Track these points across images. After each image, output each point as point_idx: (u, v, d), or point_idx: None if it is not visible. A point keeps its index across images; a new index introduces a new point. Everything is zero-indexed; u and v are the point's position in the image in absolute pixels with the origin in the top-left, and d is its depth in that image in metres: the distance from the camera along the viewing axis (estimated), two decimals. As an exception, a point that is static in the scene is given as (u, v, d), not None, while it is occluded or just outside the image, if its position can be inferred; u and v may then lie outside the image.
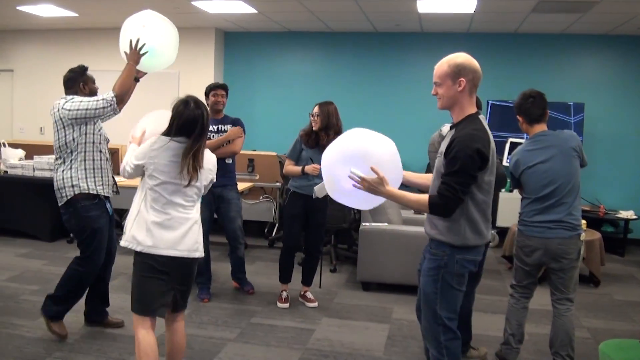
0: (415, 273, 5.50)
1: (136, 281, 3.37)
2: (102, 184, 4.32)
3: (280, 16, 8.63)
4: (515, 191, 4.62)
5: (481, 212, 2.98)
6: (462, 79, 2.96)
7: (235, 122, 5.63)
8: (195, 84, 9.71)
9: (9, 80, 11.14)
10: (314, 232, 5.40)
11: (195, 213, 3.47)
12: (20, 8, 8.80)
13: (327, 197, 4.71)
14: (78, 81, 4.52)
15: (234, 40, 10.15)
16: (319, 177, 4.72)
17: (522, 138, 7.96)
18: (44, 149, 8.27)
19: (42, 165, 7.48)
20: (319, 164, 4.53)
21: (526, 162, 3.93)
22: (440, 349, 3.08)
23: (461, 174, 2.82)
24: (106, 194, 4.36)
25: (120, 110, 4.24)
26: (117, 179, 4.52)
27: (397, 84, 9.49)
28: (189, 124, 3.34)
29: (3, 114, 11.17)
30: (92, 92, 4.56)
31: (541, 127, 3.99)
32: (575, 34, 8.87)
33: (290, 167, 5.23)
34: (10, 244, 7.49)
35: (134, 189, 3.59)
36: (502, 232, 7.78)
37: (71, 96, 4.32)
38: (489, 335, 4.79)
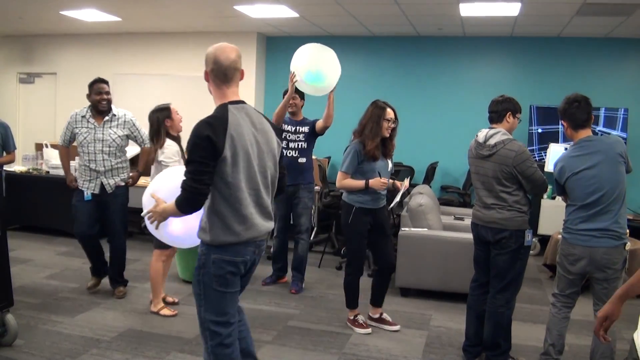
0: (454, 279, 5.51)
1: None
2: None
3: (322, 20, 8.64)
4: (558, 198, 4.55)
5: (232, 208, 2.83)
6: (205, 70, 2.94)
7: (313, 124, 5.95)
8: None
9: (52, 83, 11.41)
10: (386, 245, 4.92)
11: None
12: (64, 13, 9.00)
13: None
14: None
15: (275, 44, 10.20)
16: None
17: (559, 142, 7.84)
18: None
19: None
20: (387, 176, 4.61)
21: (572, 168, 3.85)
22: (208, 354, 2.96)
23: (190, 162, 2.74)
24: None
25: None
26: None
27: (439, 88, 9.42)
28: None
29: (46, 116, 11.44)
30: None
31: (586, 133, 3.91)
32: (620, 38, 8.66)
33: (349, 182, 4.69)
34: (51, 243, 7.66)
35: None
36: (544, 239, 7.62)
37: None
38: (529, 345, 4.71)
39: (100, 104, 5.27)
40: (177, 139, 5.08)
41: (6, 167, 6.30)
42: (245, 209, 2.85)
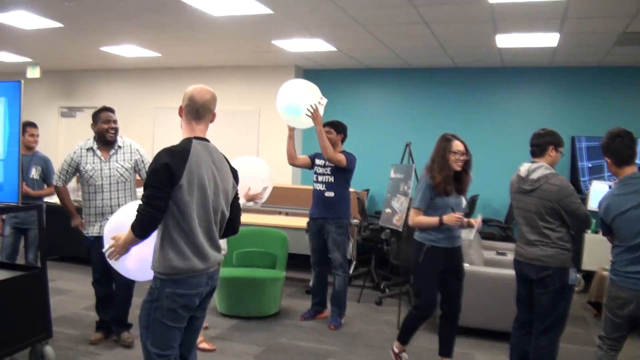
0: (496, 317, 5.36)
1: None
2: None
3: (359, 53, 8.67)
4: (601, 232, 4.41)
5: (184, 235, 2.91)
6: (180, 105, 3.14)
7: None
8: (276, 121, 9.85)
9: (95, 117, 11.62)
10: (457, 289, 4.58)
11: None
12: (105, 49, 9.22)
13: None
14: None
15: (312, 77, 10.24)
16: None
17: (604, 174, 7.68)
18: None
19: (126, 200, 7.63)
20: (461, 211, 4.41)
21: (618, 207, 3.69)
22: None
23: (147, 187, 2.86)
24: None
25: None
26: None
27: (479, 120, 9.32)
28: None
29: (90, 148, 11.59)
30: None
31: (631, 169, 3.77)
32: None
33: (422, 219, 4.42)
34: (90, 273, 7.68)
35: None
36: (588, 275, 7.36)
37: None
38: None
39: (108, 133, 4.90)
40: None
41: (47, 199, 6.40)
42: (196, 238, 2.94)
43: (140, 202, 2.87)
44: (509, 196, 4.36)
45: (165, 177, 2.83)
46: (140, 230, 2.87)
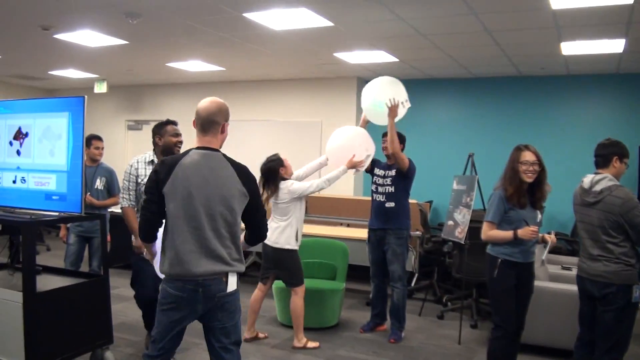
0: (560, 335, 5.16)
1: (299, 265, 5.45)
2: None
3: (421, 63, 8.60)
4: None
5: (170, 240, 3.11)
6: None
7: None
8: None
9: (160, 130, 11.93)
10: (525, 305, 4.38)
11: None
12: (170, 64, 9.45)
13: None
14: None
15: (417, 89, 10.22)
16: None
17: None
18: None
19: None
20: (535, 224, 4.21)
21: None
22: None
23: (145, 193, 3.22)
24: None
25: None
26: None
27: (543, 130, 9.07)
28: None
29: (156, 161, 11.89)
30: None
31: None
32: None
33: (496, 233, 4.21)
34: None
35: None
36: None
37: None
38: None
39: (176, 146, 4.74)
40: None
41: (111, 209, 6.59)
42: (181, 244, 3.07)
43: None
44: (573, 209, 4.23)
45: (153, 184, 3.13)
46: (140, 233, 3.25)
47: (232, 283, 3.13)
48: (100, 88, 11.33)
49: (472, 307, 6.56)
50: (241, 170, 3.18)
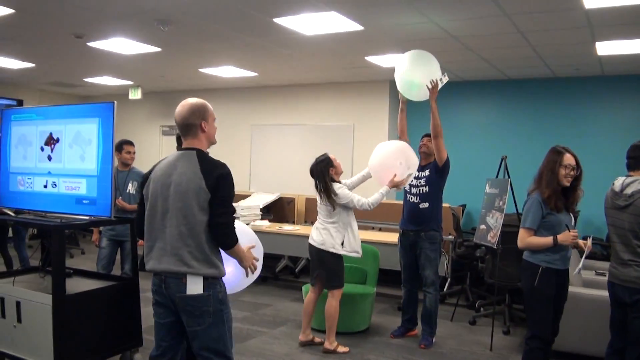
0: (594, 342, 5.04)
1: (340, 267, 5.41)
2: None
3: (454, 65, 8.52)
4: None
5: (148, 239, 3.23)
6: None
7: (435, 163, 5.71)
8: (370, 135, 9.84)
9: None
10: (560, 313, 4.30)
11: None
12: (203, 70, 9.54)
13: None
14: None
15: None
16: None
17: None
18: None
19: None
20: (574, 228, 4.14)
21: None
22: None
23: None
24: None
25: None
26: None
27: (578, 131, 8.89)
28: None
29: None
30: None
31: None
32: None
33: (535, 240, 4.08)
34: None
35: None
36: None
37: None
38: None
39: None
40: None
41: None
42: (153, 241, 3.17)
43: None
44: (604, 212, 4.14)
45: (140, 186, 3.37)
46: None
47: (194, 286, 3.04)
48: (135, 94, 11.48)
49: (505, 313, 6.45)
50: (206, 167, 3.09)
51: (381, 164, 5.50)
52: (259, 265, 3.57)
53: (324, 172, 5.41)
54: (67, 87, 12.33)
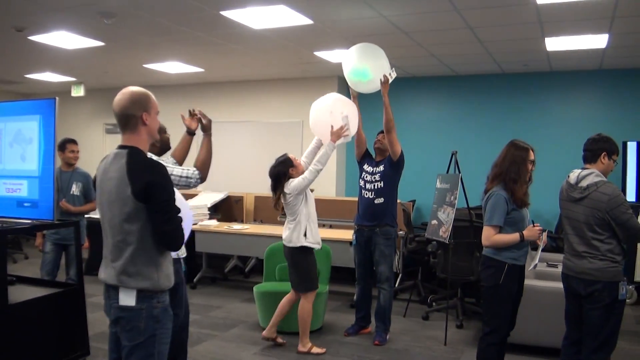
0: (547, 333, 5.07)
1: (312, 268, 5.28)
2: None
3: (403, 62, 8.52)
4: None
5: None
6: None
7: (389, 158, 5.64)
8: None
9: (137, 133, 11.82)
10: (517, 306, 4.27)
11: None
12: (148, 66, 9.30)
13: None
14: None
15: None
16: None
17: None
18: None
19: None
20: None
21: None
22: None
23: None
24: None
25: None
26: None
27: (527, 126, 9.01)
28: None
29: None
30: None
31: None
32: None
33: (502, 237, 4.00)
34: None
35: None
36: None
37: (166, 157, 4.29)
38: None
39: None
40: None
41: (88, 215, 6.43)
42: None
43: None
44: (558, 204, 4.14)
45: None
46: None
47: (126, 298, 2.76)
48: (78, 91, 11.12)
49: (458, 307, 6.45)
50: (134, 171, 2.73)
51: (315, 122, 5.42)
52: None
53: (281, 173, 5.20)
54: (7, 84, 11.89)
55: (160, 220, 2.73)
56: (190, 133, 4.13)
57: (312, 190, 5.47)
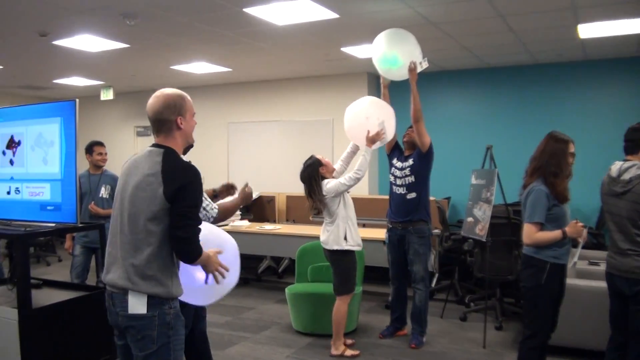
0: (591, 335, 4.81)
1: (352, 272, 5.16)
2: None
3: (434, 54, 8.28)
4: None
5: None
6: None
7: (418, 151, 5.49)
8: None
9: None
10: (558, 307, 4.06)
11: None
12: (175, 67, 9.23)
13: None
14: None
15: (394, 84, 9.92)
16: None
17: None
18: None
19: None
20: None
21: None
22: None
23: None
24: None
25: None
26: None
27: (562, 118, 8.68)
28: None
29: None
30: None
31: None
32: None
33: (544, 235, 3.80)
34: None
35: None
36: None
37: None
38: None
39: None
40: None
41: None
42: (107, 246, 2.83)
43: None
44: (599, 199, 3.91)
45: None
46: None
47: (136, 305, 2.63)
48: (107, 95, 11.14)
49: (497, 308, 6.22)
50: (169, 171, 2.65)
51: (350, 127, 5.32)
52: (234, 272, 3.11)
53: (312, 175, 5.11)
54: (37, 90, 11.95)
55: (177, 224, 2.62)
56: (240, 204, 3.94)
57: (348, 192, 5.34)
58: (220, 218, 3.63)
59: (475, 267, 6.37)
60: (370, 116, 5.19)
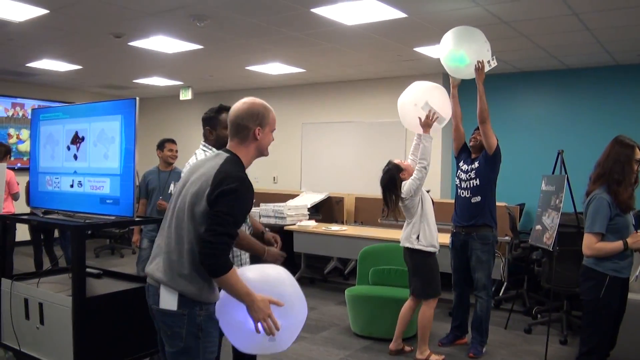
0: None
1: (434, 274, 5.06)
2: None
3: (509, 55, 8.04)
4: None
5: None
6: None
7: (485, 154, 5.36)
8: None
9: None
10: (619, 323, 3.95)
11: None
12: (250, 68, 9.35)
13: None
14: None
15: (463, 84, 9.71)
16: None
17: None
18: (274, 197, 8.92)
19: (267, 212, 8.23)
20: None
21: None
22: None
23: None
24: None
25: None
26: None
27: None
28: None
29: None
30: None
31: None
32: None
33: (605, 245, 3.65)
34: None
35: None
36: None
37: None
38: None
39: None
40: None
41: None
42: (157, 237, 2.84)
43: None
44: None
45: None
46: None
47: (167, 300, 2.60)
48: (186, 95, 11.41)
49: (562, 321, 5.94)
50: (217, 175, 2.58)
51: (403, 118, 5.38)
52: (288, 337, 2.74)
53: (392, 182, 5.02)
54: (118, 89, 12.37)
55: (208, 227, 2.52)
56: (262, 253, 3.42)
57: (428, 191, 5.27)
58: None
59: (543, 278, 6.13)
60: (418, 102, 5.15)
